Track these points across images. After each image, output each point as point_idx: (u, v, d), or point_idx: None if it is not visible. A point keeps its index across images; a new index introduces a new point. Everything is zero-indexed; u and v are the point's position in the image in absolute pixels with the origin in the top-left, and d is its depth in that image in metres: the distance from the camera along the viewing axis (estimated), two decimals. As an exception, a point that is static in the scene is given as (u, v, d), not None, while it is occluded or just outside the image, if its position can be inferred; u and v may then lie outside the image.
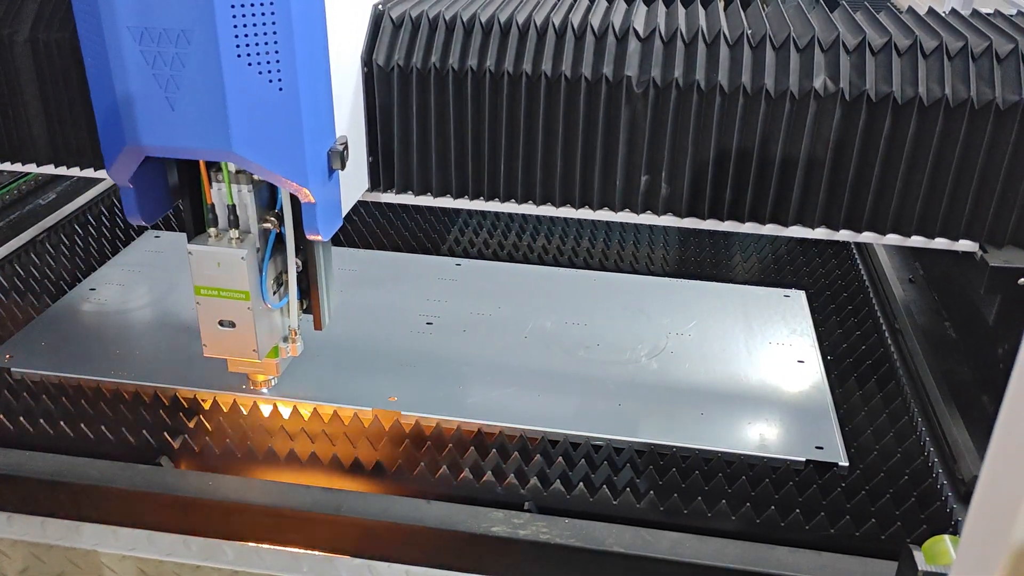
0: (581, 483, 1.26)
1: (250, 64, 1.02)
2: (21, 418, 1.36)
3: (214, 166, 1.19)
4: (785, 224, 1.28)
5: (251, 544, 1.22)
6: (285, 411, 1.39)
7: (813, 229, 1.28)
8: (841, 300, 1.75)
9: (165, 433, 1.34)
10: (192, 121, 1.05)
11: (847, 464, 1.30)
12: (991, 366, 1.46)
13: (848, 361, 1.56)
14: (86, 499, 1.24)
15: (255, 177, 1.19)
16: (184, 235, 1.90)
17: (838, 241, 1.67)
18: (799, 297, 1.73)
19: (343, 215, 1.22)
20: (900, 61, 1.20)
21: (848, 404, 1.45)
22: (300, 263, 1.27)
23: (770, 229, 1.30)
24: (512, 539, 1.16)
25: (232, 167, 1.18)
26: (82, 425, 1.35)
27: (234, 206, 1.20)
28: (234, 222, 1.21)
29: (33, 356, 1.49)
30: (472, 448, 1.32)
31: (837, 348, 1.60)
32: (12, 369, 1.46)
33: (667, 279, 1.80)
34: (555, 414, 1.38)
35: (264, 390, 1.41)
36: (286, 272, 1.28)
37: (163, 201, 1.24)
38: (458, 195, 1.33)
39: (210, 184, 1.20)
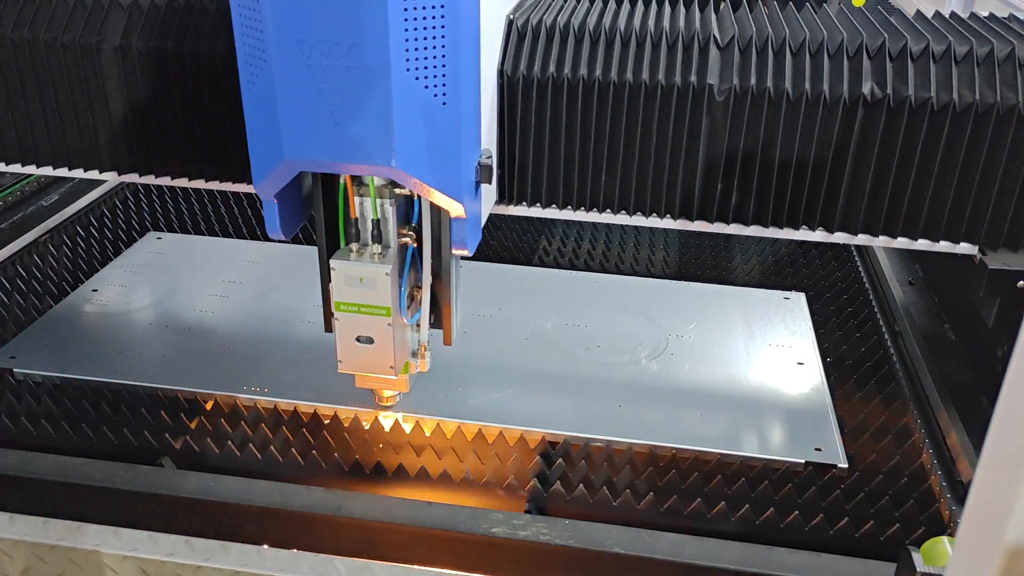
0: (581, 484, 1.26)
1: (417, 77, 1.01)
2: (23, 419, 1.36)
3: (357, 179, 1.17)
4: (795, 227, 1.29)
5: (252, 545, 1.23)
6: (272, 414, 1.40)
7: (813, 231, 1.29)
8: (841, 302, 1.75)
9: (167, 434, 1.34)
10: (355, 135, 1.03)
11: (846, 466, 1.30)
12: (990, 368, 1.46)
13: (848, 363, 1.56)
14: (88, 499, 1.25)
15: (397, 191, 1.17)
16: (185, 236, 1.93)
17: (838, 243, 1.67)
18: (799, 299, 1.73)
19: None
20: (913, 66, 1.20)
21: (847, 406, 1.45)
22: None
23: (770, 232, 1.29)
24: (512, 540, 1.16)
25: (378, 181, 1.15)
26: (84, 426, 1.35)
27: (378, 220, 1.18)
28: (377, 237, 1.19)
29: (35, 357, 1.50)
30: (472, 449, 1.32)
31: (837, 350, 1.60)
32: (14, 370, 1.47)
33: (667, 281, 1.81)
34: (555, 415, 1.38)
35: (390, 407, 1.39)
36: (418, 287, 1.27)
37: (298, 215, 1.23)
38: (590, 207, 1.30)
39: (354, 198, 1.17)
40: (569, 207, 1.31)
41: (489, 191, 1.25)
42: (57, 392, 1.43)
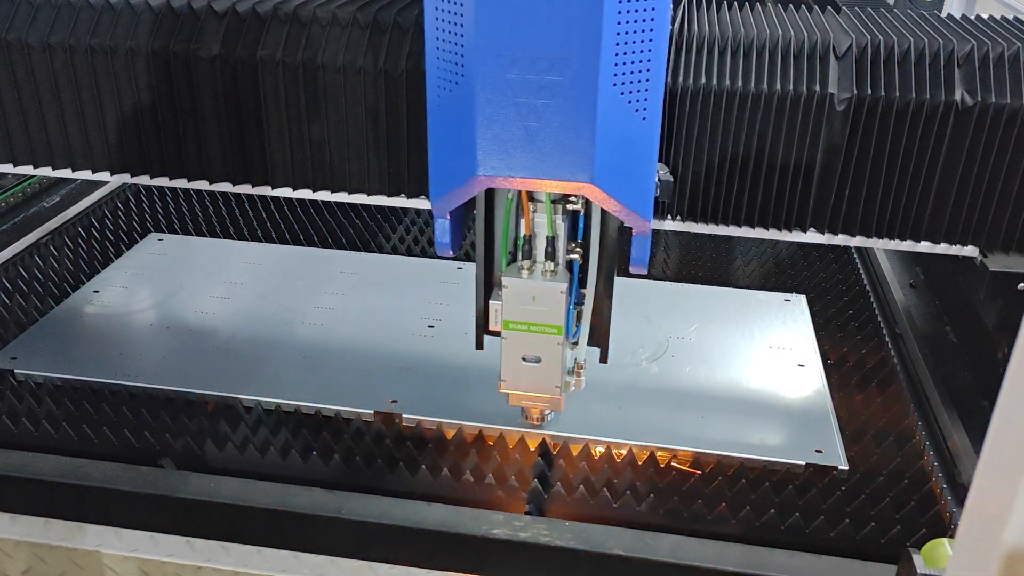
0: (582, 486, 1.26)
1: (622, 92, 0.98)
2: (24, 420, 1.37)
3: (530, 194, 1.13)
4: (791, 229, 1.29)
5: (253, 546, 1.23)
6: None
7: (823, 233, 1.29)
8: (842, 304, 1.75)
9: (167, 435, 1.34)
10: (553, 152, 1.00)
11: (847, 468, 1.30)
12: (991, 370, 1.46)
13: (848, 365, 1.56)
14: (89, 500, 1.25)
15: (568, 206, 1.13)
16: (186, 238, 1.93)
17: (839, 245, 1.67)
18: (800, 301, 1.73)
19: None
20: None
21: (848, 408, 1.45)
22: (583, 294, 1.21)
23: (770, 234, 1.30)
24: (513, 541, 1.16)
25: (552, 196, 1.12)
26: (85, 427, 1.35)
27: (553, 237, 1.15)
28: (550, 254, 1.16)
29: (37, 358, 1.50)
30: (473, 451, 1.32)
31: (838, 352, 1.60)
32: (16, 371, 1.47)
33: (668, 283, 1.81)
34: (556, 417, 1.38)
35: (537, 425, 1.36)
36: (579, 304, 1.21)
37: (462, 231, 1.20)
38: (744, 223, 1.29)
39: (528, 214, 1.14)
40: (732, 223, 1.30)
41: None
42: (58, 393, 1.43)
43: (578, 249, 1.16)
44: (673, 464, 1.31)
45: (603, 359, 1.26)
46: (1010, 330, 1.36)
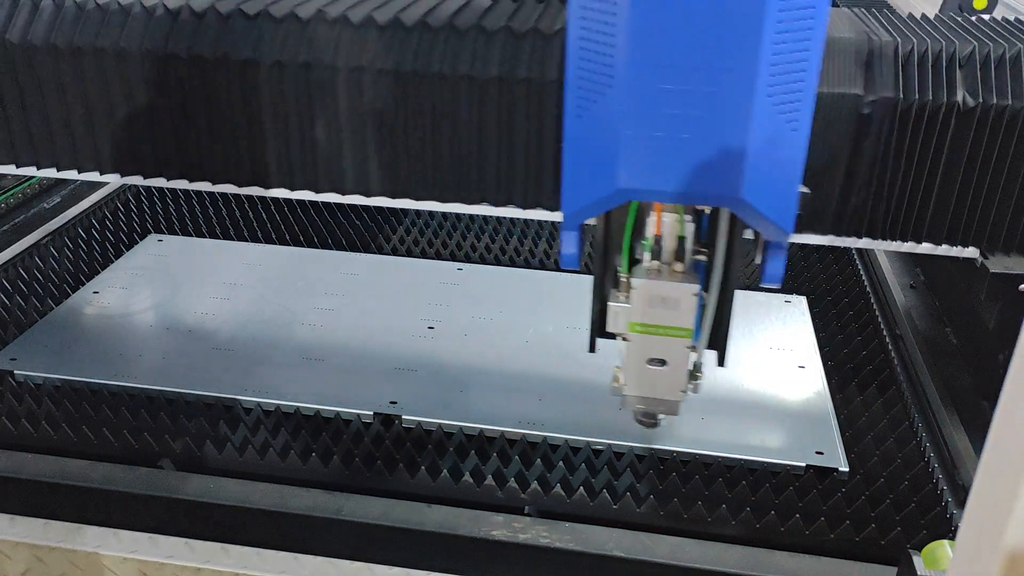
0: (581, 487, 1.26)
1: (776, 103, 0.95)
2: (24, 421, 1.36)
3: None
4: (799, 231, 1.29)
5: (252, 547, 1.23)
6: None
7: (825, 235, 1.29)
8: (842, 305, 1.75)
9: (167, 436, 1.34)
10: (702, 164, 0.97)
11: (847, 469, 1.30)
12: (992, 372, 1.46)
13: (849, 366, 1.56)
14: (88, 501, 1.25)
15: (696, 207, 1.10)
16: (186, 239, 1.93)
17: (839, 247, 1.67)
18: (800, 303, 1.73)
19: None
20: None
21: (849, 409, 1.45)
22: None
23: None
24: (512, 543, 1.16)
25: None
26: (84, 428, 1.35)
27: (684, 238, 1.11)
28: (680, 255, 1.12)
29: (36, 359, 1.50)
30: (473, 452, 1.32)
31: (838, 353, 1.60)
32: (15, 372, 1.47)
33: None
34: (556, 418, 1.38)
35: (652, 428, 1.30)
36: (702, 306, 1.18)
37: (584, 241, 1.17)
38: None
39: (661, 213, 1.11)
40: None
41: None
42: (58, 394, 1.43)
43: (703, 250, 1.13)
44: None
45: (721, 363, 1.22)
46: (1011, 332, 1.36)
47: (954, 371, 1.52)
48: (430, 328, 1.62)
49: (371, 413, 1.39)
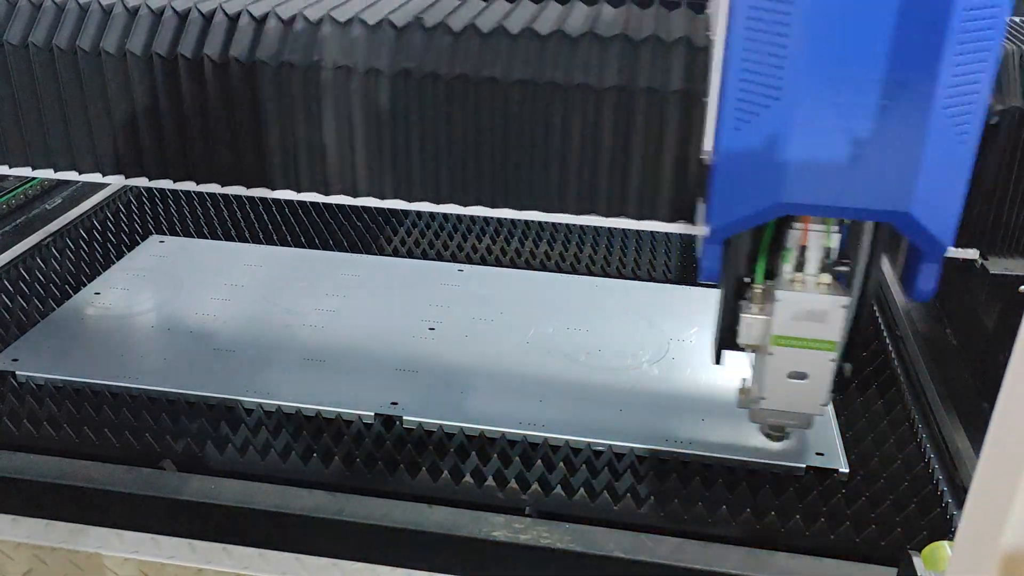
0: (582, 488, 1.26)
1: (952, 116, 0.93)
2: (25, 421, 1.37)
3: None
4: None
5: (254, 548, 1.23)
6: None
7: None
8: (843, 307, 1.75)
9: (168, 437, 1.34)
10: (871, 178, 0.95)
11: (847, 470, 1.30)
12: (992, 373, 1.46)
13: (849, 368, 1.56)
14: (89, 502, 1.25)
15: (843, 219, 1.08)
16: (188, 240, 1.93)
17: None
18: (801, 304, 1.72)
19: None
20: None
21: (849, 410, 1.45)
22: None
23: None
24: (513, 544, 1.16)
25: None
26: (86, 429, 1.35)
27: (830, 249, 1.09)
28: (827, 267, 1.09)
29: (38, 359, 1.50)
30: (474, 453, 1.32)
31: (838, 355, 1.60)
32: (17, 372, 1.47)
33: (669, 285, 1.81)
34: (557, 419, 1.38)
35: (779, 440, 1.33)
36: None
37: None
38: None
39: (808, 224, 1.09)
40: None
41: None
42: (59, 395, 1.43)
43: (846, 261, 1.11)
44: None
45: (849, 374, 1.19)
46: (1011, 333, 1.36)
47: (954, 372, 1.52)
48: (431, 329, 1.62)
49: (372, 414, 1.39)
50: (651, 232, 2.02)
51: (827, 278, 1.09)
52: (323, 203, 1.84)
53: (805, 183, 0.97)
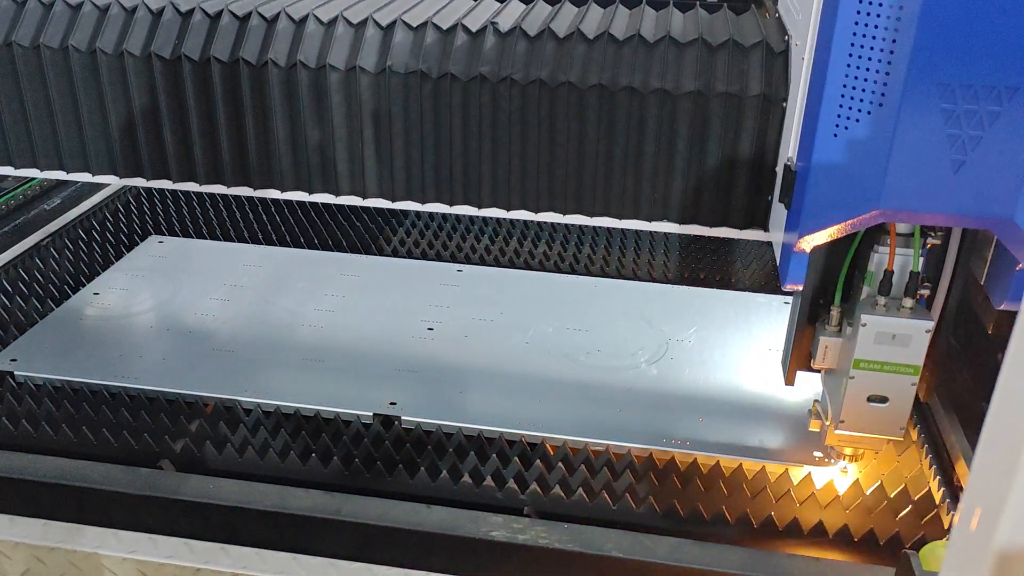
0: (580, 488, 1.26)
1: None
2: (24, 421, 1.37)
3: (886, 228, 1.08)
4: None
5: (251, 548, 1.23)
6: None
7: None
8: (841, 307, 1.75)
9: (167, 437, 1.34)
10: (975, 185, 0.95)
11: (846, 470, 1.30)
12: (990, 374, 1.46)
13: (848, 368, 1.56)
14: (88, 502, 1.25)
15: (928, 242, 1.09)
16: (187, 240, 1.93)
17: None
18: (799, 304, 1.72)
19: None
20: None
21: (847, 411, 1.45)
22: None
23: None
24: (511, 544, 1.16)
25: (919, 227, 1.07)
26: (84, 429, 1.35)
27: (917, 273, 1.09)
28: (912, 290, 1.09)
29: (37, 360, 1.50)
30: (472, 453, 1.32)
31: (837, 355, 1.60)
32: (15, 372, 1.47)
33: (668, 286, 1.81)
34: (555, 419, 1.38)
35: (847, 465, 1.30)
36: None
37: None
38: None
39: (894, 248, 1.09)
40: None
41: None
42: (58, 395, 1.43)
43: (927, 284, 1.12)
44: None
45: (924, 398, 1.20)
46: (1010, 334, 1.35)
47: (953, 373, 1.52)
48: (430, 329, 1.62)
49: (371, 414, 1.39)
50: (651, 232, 2.02)
51: (910, 302, 1.09)
52: (322, 204, 1.85)
53: (907, 190, 0.97)
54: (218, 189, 1.37)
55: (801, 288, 1.11)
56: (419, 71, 1.23)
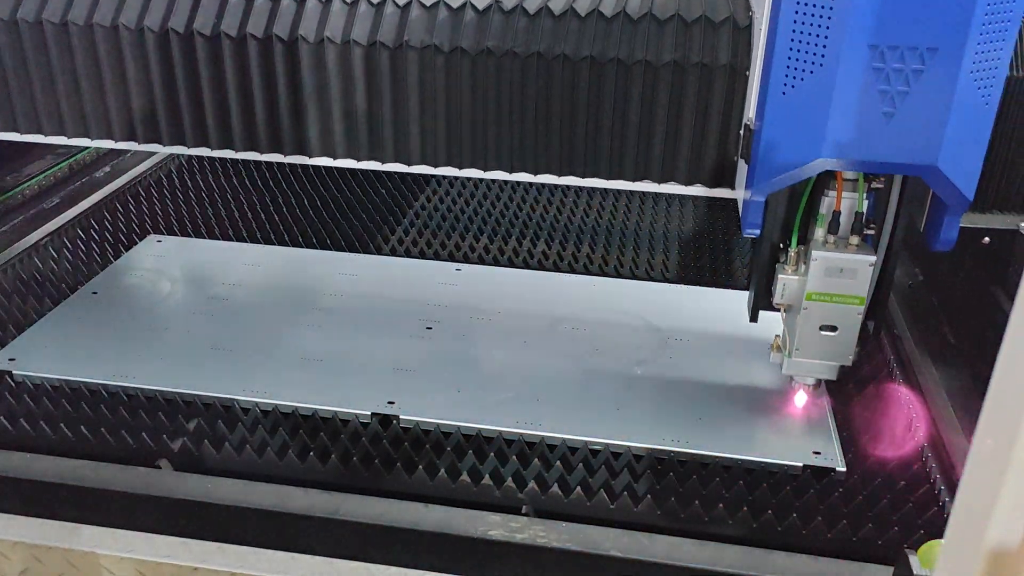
0: (579, 487, 1.26)
1: (976, 80, 1.06)
2: (22, 420, 1.37)
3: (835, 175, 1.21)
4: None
5: (249, 547, 1.23)
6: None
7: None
8: (840, 306, 1.75)
9: (165, 436, 1.34)
10: (902, 136, 1.08)
11: (844, 469, 1.30)
12: (989, 372, 1.46)
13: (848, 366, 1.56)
14: (86, 501, 1.25)
15: (872, 185, 1.21)
16: (185, 239, 1.93)
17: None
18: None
19: None
20: None
21: (846, 409, 1.45)
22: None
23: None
24: (509, 543, 1.16)
25: (862, 173, 1.20)
26: (82, 428, 1.35)
27: (861, 213, 1.21)
28: (857, 227, 1.22)
29: (35, 359, 1.50)
30: (470, 452, 1.32)
31: (836, 353, 1.60)
32: (14, 372, 1.47)
33: (667, 284, 1.81)
34: (553, 418, 1.38)
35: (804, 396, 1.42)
36: None
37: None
38: None
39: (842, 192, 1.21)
40: None
41: None
42: (56, 394, 1.43)
43: (872, 225, 1.24)
44: None
45: (874, 332, 1.31)
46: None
47: (952, 370, 1.52)
48: (428, 328, 1.62)
49: (369, 413, 1.39)
50: (651, 232, 2.02)
51: (856, 239, 1.22)
52: (320, 203, 1.87)
53: (845, 141, 1.10)
54: (252, 156, 1.48)
55: (759, 233, 1.22)
56: (432, 45, 1.36)
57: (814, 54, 1.07)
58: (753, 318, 1.35)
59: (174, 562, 1.23)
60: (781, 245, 1.27)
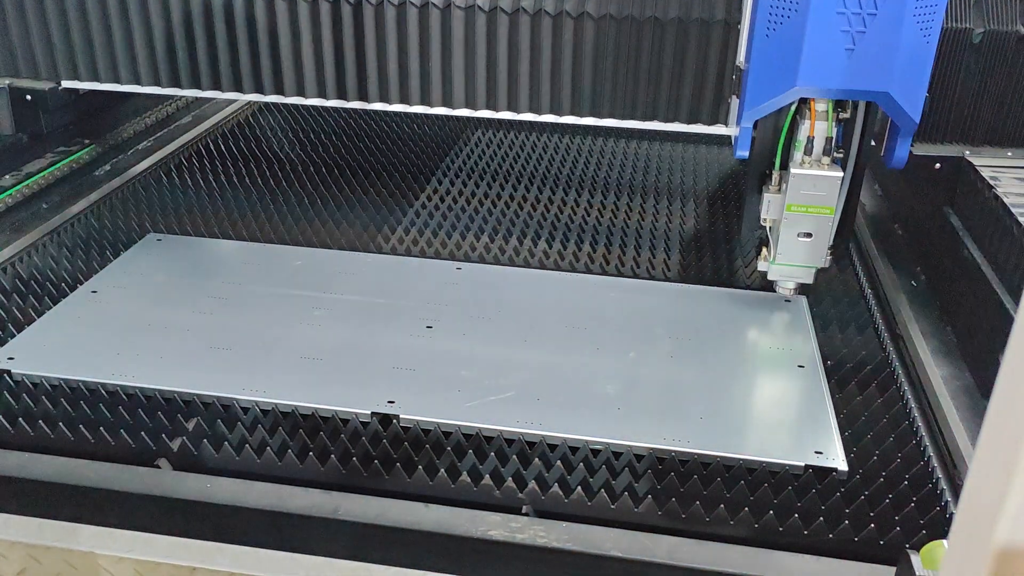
0: (579, 487, 1.26)
1: (919, 22, 1.35)
2: (21, 420, 1.36)
3: (807, 103, 1.48)
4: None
5: (249, 547, 1.22)
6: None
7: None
8: (842, 305, 1.75)
9: (164, 436, 1.34)
10: (862, 67, 1.37)
11: (846, 469, 1.29)
12: (992, 371, 1.45)
13: (848, 366, 1.56)
14: (84, 501, 1.25)
15: (839, 116, 1.48)
16: (184, 238, 1.93)
17: (838, 245, 1.67)
18: (800, 302, 1.72)
19: None
20: None
21: (848, 409, 1.44)
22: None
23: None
24: (510, 543, 1.16)
25: (831, 104, 1.46)
26: (81, 427, 1.35)
27: (831, 138, 1.48)
28: (828, 150, 1.49)
29: (34, 358, 1.50)
30: (471, 451, 1.32)
31: (837, 353, 1.60)
32: (12, 371, 1.46)
33: (668, 284, 1.80)
34: (554, 418, 1.38)
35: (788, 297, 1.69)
36: None
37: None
38: None
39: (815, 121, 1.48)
40: None
41: None
42: (55, 393, 1.43)
43: (841, 149, 1.51)
44: None
45: (836, 253, 1.61)
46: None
47: (954, 370, 1.51)
48: (428, 327, 1.61)
49: (368, 412, 1.38)
50: (652, 231, 2.01)
51: (827, 159, 1.50)
52: (320, 201, 1.87)
53: (816, 73, 1.38)
54: (319, 102, 1.94)
55: (748, 155, 1.52)
56: (475, 5, 1.76)
57: (789, 6, 1.36)
58: (743, 236, 1.70)
59: (173, 562, 1.22)
60: (768, 172, 1.54)
